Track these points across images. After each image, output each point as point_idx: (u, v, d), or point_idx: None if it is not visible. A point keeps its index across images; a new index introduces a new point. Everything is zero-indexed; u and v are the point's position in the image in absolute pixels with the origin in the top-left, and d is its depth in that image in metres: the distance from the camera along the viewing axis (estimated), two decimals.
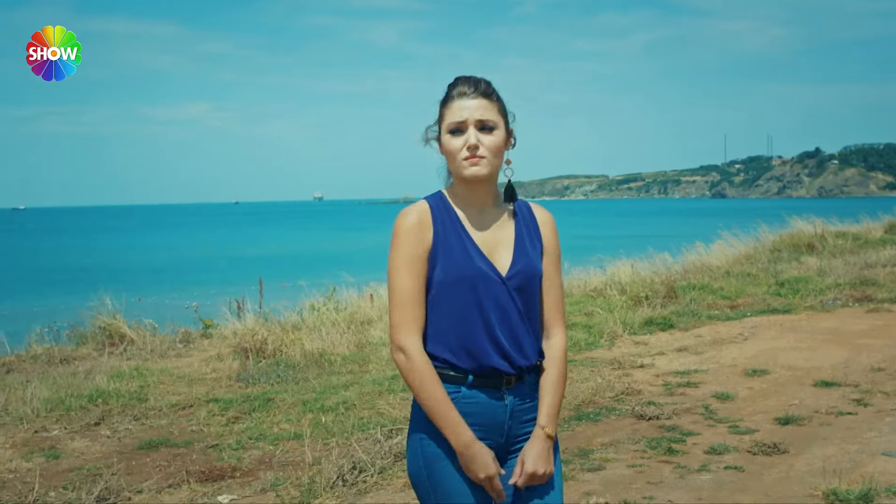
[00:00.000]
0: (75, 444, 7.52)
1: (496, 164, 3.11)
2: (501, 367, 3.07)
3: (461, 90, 3.11)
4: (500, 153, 3.11)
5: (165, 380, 9.75)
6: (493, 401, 3.09)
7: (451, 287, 3.06)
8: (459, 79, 3.15)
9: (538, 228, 3.24)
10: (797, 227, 21.64)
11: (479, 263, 3.07)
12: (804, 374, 9.05)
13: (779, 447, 6.68)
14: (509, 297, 3.07)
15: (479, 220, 3.15)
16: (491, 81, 3.16)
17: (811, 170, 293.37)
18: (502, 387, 3.10)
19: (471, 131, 3.07)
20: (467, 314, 3.06)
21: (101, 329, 13.01)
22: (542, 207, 3.30)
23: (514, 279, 3.09)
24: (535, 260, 3.16)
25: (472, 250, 3.08)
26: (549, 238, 3.25)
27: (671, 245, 20.50)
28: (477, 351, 3.07)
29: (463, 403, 3.07)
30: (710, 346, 10.70)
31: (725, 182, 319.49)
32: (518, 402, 3.13)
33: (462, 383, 3.08)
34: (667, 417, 7.67)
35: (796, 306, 13.29)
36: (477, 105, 3.08)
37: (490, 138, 3.07)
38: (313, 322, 12.95)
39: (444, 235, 3.09)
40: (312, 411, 8.11)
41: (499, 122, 3.10)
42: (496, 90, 3.15)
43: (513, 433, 3.14)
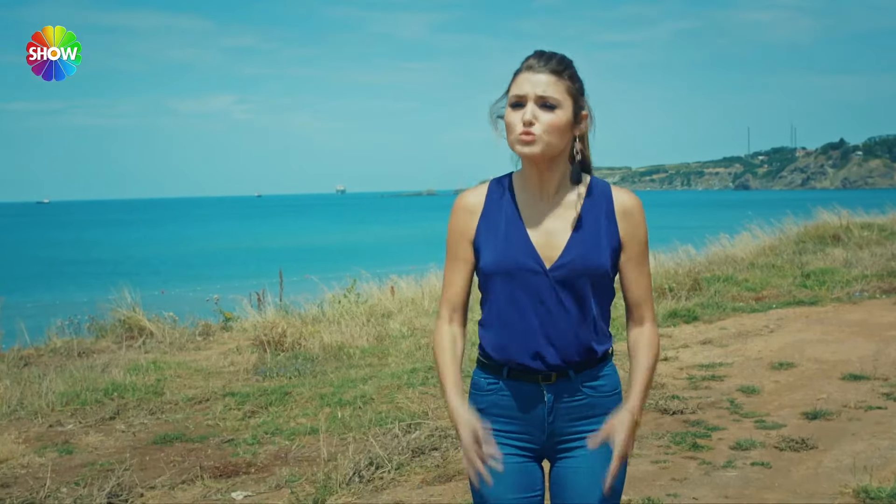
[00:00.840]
0: (89, 439, 7.41)
1: (553, 145, 2.89)
2: (531, 364, 2.93)
3: (529, 63, 2.93)
4: (559, 133, 2.88)
5: (183, 373, 9.66)
6: (531, 396, 2.96)
7: (491, 276, 2.96)
8: (535, 52, 2.96)
9: (614, 217, 2.97)
10: (822, 219, 21.35)
11: (519, 253, 2.91)
12: (831, 368, 8.86)
13: (807, 442, 6.50)
14: (552, 291, 2.89)
15: (537, 206, 2.98)
16: (570, 60, 2.97)
17: (835, 161, 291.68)
18: (540, 381, 2.95)
19: (529, 106, 2.87)
20: (502, 306, 2.95)
21: (121, 322, 12.97)
22: (628, 192, 3.02)
23: (559, 271, 2.89)
24: (593, 252, 2.91)
25: (517, 238, 2.93)
26: (629, 228, 2.97)
27: (695, 237, 20.30)
28: (507, 345, 2.95)
29: (501, 396, 2.99)
30: (735, 339, 10.51)
31: (749, 174, 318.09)
32: (563, 398, 2.96)
33: (500, 376, 2.99)
34: (691, 412, 7.50)
35: (822, 298, 13.06)
36: (541, 80, 2.88)
37: (549, 116, 2.86)
38: (333, 315, 12.86)
39: (492, 220, 2.98)
40: (330, 405, 7.98)
41: (564, 101, 2.88)
42: (572, 69, 2.95)
43: (559, 431, 2.98)
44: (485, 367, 3.03)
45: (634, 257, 2.99)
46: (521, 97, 2.89)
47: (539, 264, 2.89)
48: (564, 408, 2.96)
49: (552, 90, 2.87)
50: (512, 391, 2.97)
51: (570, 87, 2.91)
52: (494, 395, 2.99)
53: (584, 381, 2.97)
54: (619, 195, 3.00)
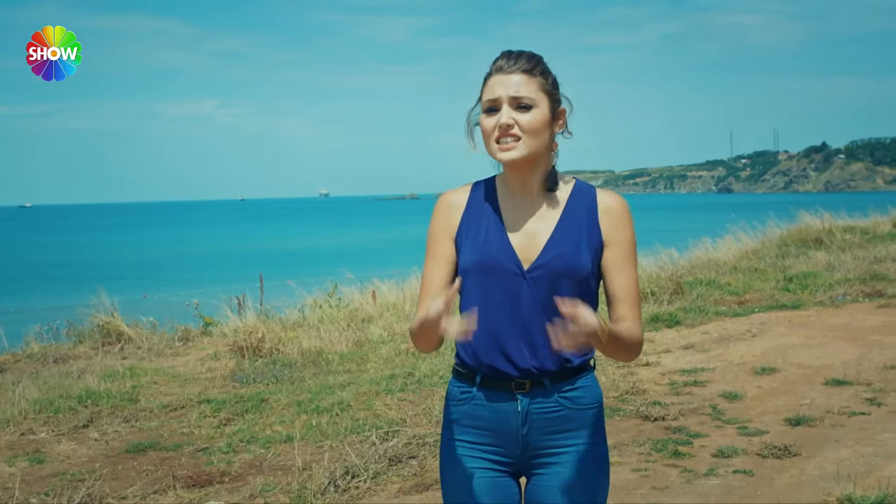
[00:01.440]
0: (61, 448, 7.27)
1: (536, 147, 2.79)
2: (502, 367, 2.82)
3: (499, 65, 2.83)
4: (539, 134, 2.79)
5: (159, 380, 9.52)
6: (504, 404, 2.84)
7: (468, 276, 2.84)
8: (503, 53, 2.86)
9: (597, 217, 2.85)
10: (804, 222, 21.33)
11: (497, 252, 2.81)
12: (814, 373, 8.77)
13: (790, 450, 6.41)
14: (529, 293, 2.78)
15: (519, 208, 2.88)
16: (539, 56, 2.87)
17: (817, 164, 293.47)
18: (513, 389, 2.82)
19: (504, 110, 2.78)
20: (476, 306, 2.81)
21: (99, 327, 12.79)
22: (612, 194, 2.92)
23: (536, 272, 2.78)
24: (572, 253, 2.79)
25: (496, 239, 2.82)
26: (612, 228, 2.84)
27: (677, 240, 20.25)
28: (479, 346, 2.83)
29: (474, 406, 2.88)
30: (717, 344, 10.42)
31: (731, 177, 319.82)
32: (538, 409, 2.83)
33: (472, 383, 2.88)
34: (673, 418, 7.40)
35: (805, 302, 13.00)
36: (513, 81, 2.78)
37: (526, 117, 2.77)
38: (314, 319, 12.74)
39: (473, 220, 2.88)
40: (307, 412, 7.85)
41: (539, 99, 2.79)
42: (542, 65, 2.85)
43: (534, 445, 2.85)
44: (459, 375, 2.93)
45: (617, 258, 2.84)
46: (495, 101, 2.80)
47: (517, 265, 2.79)
48: (539, 419, 2.83)
49: (525, 89, 2.78)
50: (485, 400, 2.86)
51: (543, 84, 2.82)
52: (467, 405, 2.89)
53: (560, 391, 2.84)
54: (603, 196, 2.90)
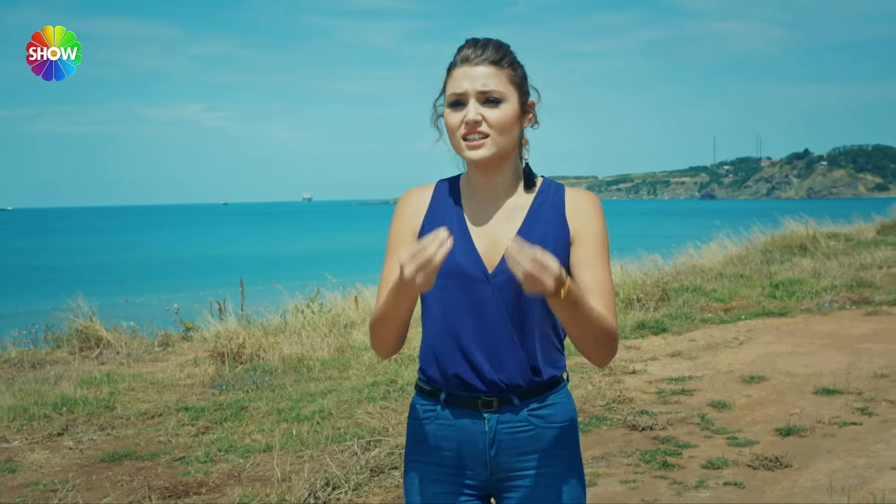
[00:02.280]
0: (35, 457, 7.07)
1: (505, 144, 2.59)
2: (468, 377, 2.61)
3: (464, 55, 2.61)
4: (509, 130, 2.59)
5: (137, 386, 9.32)
6: (470, 423, 2.63)
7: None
8: (468, 41, 2.64)
9: (564, 215, 2.64)
10: (789, 228, 21.24)
11: (461, 256, 2.59)
12: (804, 381, 8.65)
13: (781, 461, 6.26)
14: (494, 299, 2.58)
15: (483, 209, 2.67)
16: (507, 45, 2.65)
17: (800, 171, 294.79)
18: (479, 407, 2.62)
19: (471, 105, 2.56)
20: (440, 313, 2.64)
21: (78, 332, 12.57)
22: (581, 190, 2.70)
23: (500, 276, 2.57)
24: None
25: (459, 242, 2.59)
26: (581, 224, 2.62)
27: (661, 246, 20.12)
28: (441, 356, 2.64)
29: (438, 426, 2.67)
30: (704, 351, 10.29)
31: (714, 183, 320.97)
32: (505, 427, 2.62)
33: (437, 401, 2.67)
34: (661, 428, 7.25)
35: (792, 309, 12.89)
36: (480, 73, 2.57)
37: (495, 112, 2.56)
38: (296, 325, 12.57)
39: (437, 221, 2.65)
40: (287, 421, 7.67)
41: (508, 93, 2.58)
42: (511, 55, 2.63)
43: (503, 467, 2.65)
44: (423, 392, 2.73)
45: (585, 253, 2.61)
46: (461, 95, 2.59)
47: (481, 269, 2.59)
48: (508, 440, 2.64)
49: (494, 82, 2.58)
50: (450, 419, 2.67)
51: (512, 76, 2.61)
52: (432, 424, 2.69)
53: (530, 409, 2.65)
54: (571, 194, 2.69)
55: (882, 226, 23.89)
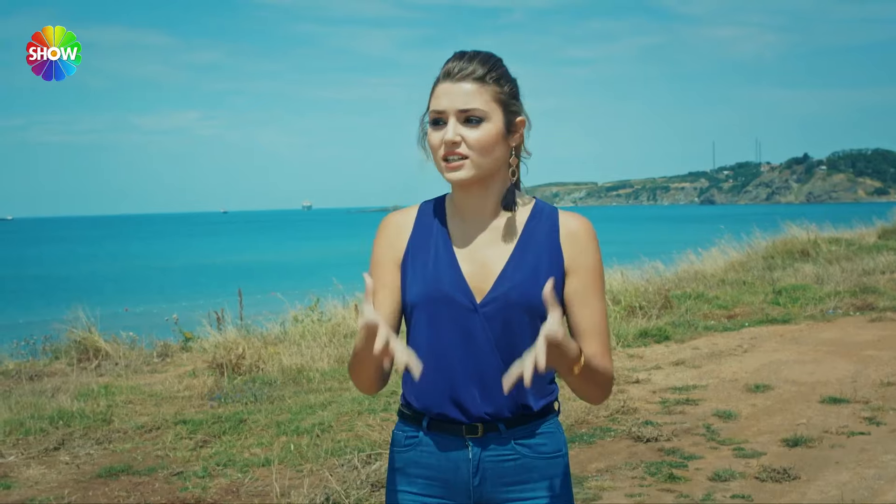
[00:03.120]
0: (30, 472, 6.95)
1: (486, 165, 2.44)
2: (452, 413, 2.48)
3: (448, 69, 2.46)
4: (490, 151, 2.43)
5: (135, 398, 9.22)
6: (453, 450, 2.49)
7: (414, 310, 2.49)
8: (454, 54, 2.49)
9: (558, 242, 2.50)
10: (790, 233, 21.14)
11: (447, 283, 2.45)
12: (809, 390, 8.54)
13: (789, 473, 6.15)
14: (482, 329, 2.43)
15: (471, 233, 2.52)
16: (497, 59, 2.50)
17: (799, 176, 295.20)
18: (464, 434, 2.48)
19: (451, 124, 2.42)
20: (424, 344, 2.47)
21: (76, 343, 12.46)
22: (576, 216, 2.55)
23: (490, 306, 2.43)
24: (530, 283, 2.44)
25: (445, 268, 2.46)
26: (575, 254, 2.49)
27: (662, 252, 20.01)
28: (426, 390, 2.49)
29: (420, 452, 2.52)
30: (708, 360, 10.19)
31: (714, 188, 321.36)
32: (491, 455, 2.48)
33: (419, 427, 2.53)
34: (666, 439, 7.14)
35: (796, 316, 12.79)
36: (461, 91, 2.42)
37: (475, 133, 2.41)
38: (296, 334, 12.46)
39: (419, 247, 2.51)
40: (286, 434, 7.57)
41: (491, 112, 2.42)
42: (498, 70, 2.48)
43: (487, 498, 2.51)
44: (405, 417, 2.58)
45: (581, 288, 2.49)
46: (441, 113, 2.44)
47: (468, 297, 2.44)
48: (493, 469, 2.50)
49: (476, 100, 2.42)
50: (433, 446, 2.52)
51: (497, 94, 2.45)
52: (413, 451, 2.54)
53: (517, 437, 2.51)
54: (565, 218, 2.54)
55: (883, 230, 23.80)
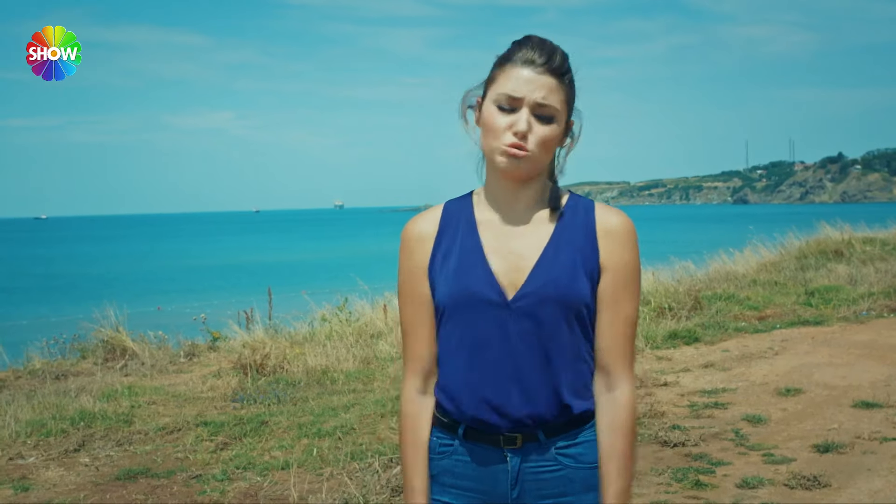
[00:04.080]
0: (49, 474, 6.89)
1: (541, 163, 2.36)
2: (490, 419, 2.35)
3: (528, 56, 2.32)
4: (550, 150, 2.36)
5: (157, 399, 9.15)
6: (490, 462, 2.38)
7: (444, 312, 2.38)
8: (531, 39, 2.35)
9: (595, 238, 2.38)
10: (823, 233, 20.86)
11: (475, 281, 2.33)
12: (841, 394, 8.36)
13: (819, 480, 5.98)
14: (516, 327, 2.32)
15: (502, 226, 2.41)
16: (568, 55, 2.38)
17: (834, 175, 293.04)
18: (502, 444, 2.36)
19: (524, 114, 2.30)
20: (456, 346, 2.37)
21: (104, 342, 12.44)
22: (614, 210, 2.43)
23: (522, 301, 2.31)
24: (565, 277, 2.33)
25: (475, 264, 2.35)
26: (611, 250, 2.37)
27: (693, 252, 19.81)
28: (460, 394, 2.37)
29: (455, 461, 2.41)
30: (738, 362, 10.01)
31: (747, 188, 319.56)
32: (531, 466, 2.37)
33: (454, 435, 2.41)
34: (693, 444, 6.98)
35: (828, 317, 12.58)
36: (543, 84, 2.30)
37: (545, 130, 2.31)
38: (324, 334, 12.38)
39: (447, 246, 2.41)
40: (308, 436, 7.47)
41: (562, 112, 2.34)
42: (570, 70, 2.38)
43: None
44: (440, 424, 2.46)
45: (612, 288, 2.36)
46: (516, 100, 2.31)
47: (499, 294, 2.33)
48: (533, 480, 2.38)
49: (554, 98, 2.32)
50: (469, 456, 2.41)
51: (568, 96, 2.37)
52: (448, 460, 2.43)
53: (558, 446, 2.38)
54: (603, 212, 2.42)
55: None
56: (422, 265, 2.44)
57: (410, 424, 2.45)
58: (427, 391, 2.47)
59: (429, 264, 2.43)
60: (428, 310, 2.44)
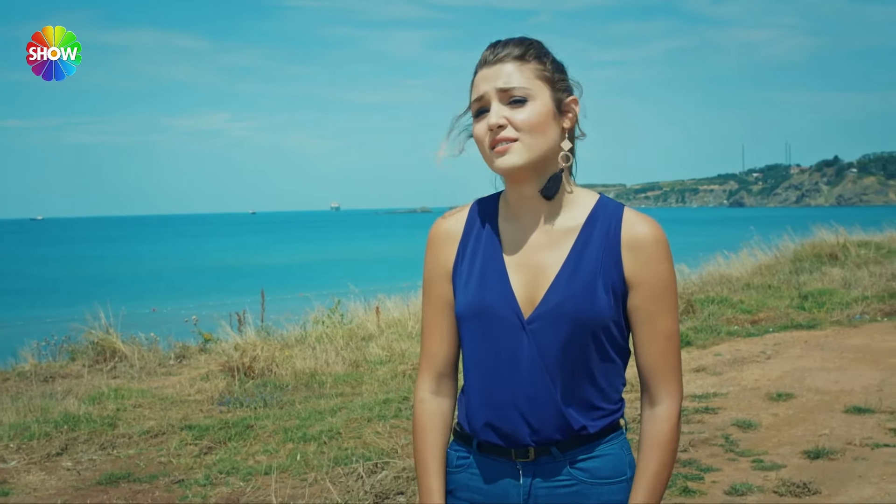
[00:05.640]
0: (30, 478, 6.80)
1: (539, 148, 2.20)
2: (492, 440, 2.29)
3: (484, 56, 2.27)
4: (542, 131, 2.20)
5: (143, 402, 9.05)
6: (503, 476, 2.30)
7: (462, 324, 2.30)
8: (490, 44, 2.28)
9: (619, 251, 2.23)
10: (819, 236, 20.76)
11: (491, 297, 2.24)
12: (833, 399, 8.27)
13: (809, 487, 5.90)
14: (531, 347, 2.21)
15: (524, 235, 2.29)
16: (534, 40, 2.27)
17: (830, 178, 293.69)
18: (514, 458, 2.28)
19: (493, 107, 2.20)
20: (471, 359, 2.30)
21: (94, 344, 12.35)
22: (644, 219, 2.26)
23: (537, 321, 2.21)
24: (584, 295, 2.20)
25: (492, 278, 2.25)
26: (638, 265, 2.22)
27: (688, 255, 19.74)
28: (472, 409, 2.31)
29: (470, 475, 2.34)
30: (730, 366, 9.92)
31: (743, 191, 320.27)
32: (544, 482, 2.27)
33: (470, 447, 2.35)
34: (682, 450, 6.89)
35: (821, 321, 12.50)
36: (499, 71, 2.21)
37: (522, 113, 2.18)
38: (312, 338, 12.30)
39: (468, 253, 2.32)
40: (293, 440, 7.38)
41: (536, 89, 2.20)
42: (537, 48, 2.25)
43: None
44: (458, 436, 2.40)
45: (644, 305, 2.23)
46: (481, 99, 2.22)
47: (515, 312, 2.22)
48: (546, 497, 2.28)
49: (516, 78, 2.19)
50: (482, 469, 2.33)
51: (539, 70, 2.22)
52: (464, 473, 2.36)
53: (572, 460, 2.28)
54: (630, 222, 2.25)
55: None
56: (445, 266, 2.37)
57: (421, 426, 2.39)
58: (440, 393, 2.41)
59: (453, 267, 2.36)
60: (446, 311, 2.38)
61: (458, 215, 2.40)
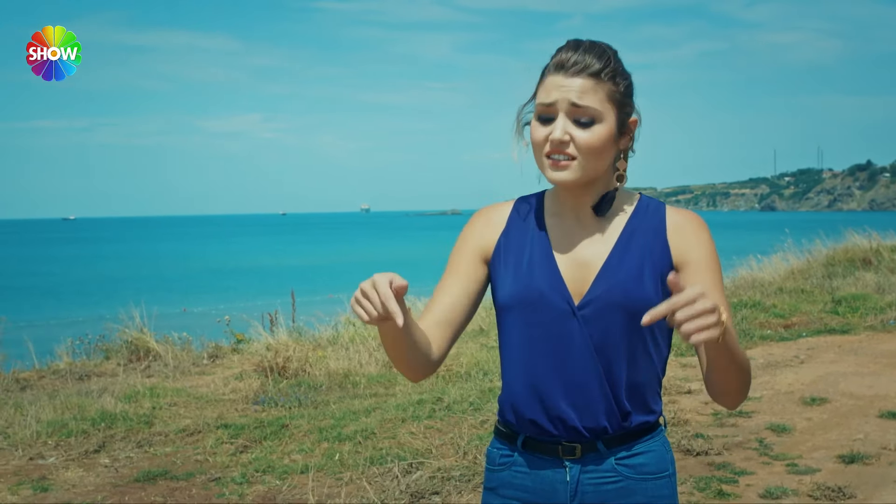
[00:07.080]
0: (69, 475, 6.89)
1: (594, 169, 2.26)
2: (546, 425, 2.30)
3: (561, 59, 2.23)
4: (600, 155, 2.24)
5: (179, 401, 9.13)
6: (549, 473, 2.33)
7: (507, 311, 2.33)
8: (568, 43, 2.26)
9: (665, 237, 2.30)
10: (851, 241, 20.64)
11: (543, 283, 2.27)
12: (868, 404, 8.25)
13: (844, 491, 5.90)
14: (581, 334, 2.25)
15: (570, 230, 2.34)
16: (613, 51, 2.28)
17: (862, 183, 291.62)
18: (561, 455, 2.31)
19: (560, 121, 2.21)
20: (517, 349, 2.32)
21: (128, 343, 12.45)
22: (683, 210, 2.36)
23: (589, 307, 2.25)
24: (633, 281, 2.25)
25: (541, 268, 2.29)
26: (684, 246, 2.29)
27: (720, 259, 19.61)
28: (518, 400, 2.32)
29: (514, 472, 2.36)
30: (763, 370, 9.90)
31: (775, 195, 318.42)
32: (590, 477, 2.31)
33: (514, 445, 2.37)
34: (717, 453, 6.90)
35: (855, 326, 12.45)
36: (575, 86, 2.20)
37: (586, 135, 2.20)
38: (345, 338, 12.35)
39: (512, 245, 2.35)
40: (328, 440, 7.43)
41: (605, 111, 2.22)
42: (615, 64, 2.25)
43: None
44: (500, 434, 2.43)
45: (699, 278, 2.24)
46: (550, 107, 2.23)
47: (566, 299, 2.26)
48: (592, 492, 2.31)
49: (589, 99, 2.20)
50: (527, 467, 2.35)
51: (612, 92, 2.23)
52: (507, 472, 2.38)
53: (617, 457, 2.32)
54: (673, 212, 2.35)
55: None
56: (482, 246, 2.40)
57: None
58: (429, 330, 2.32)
59: (492, 254, 2.39)
60: (464, 283, 2.37)
61: (501, 208, 2.44)
